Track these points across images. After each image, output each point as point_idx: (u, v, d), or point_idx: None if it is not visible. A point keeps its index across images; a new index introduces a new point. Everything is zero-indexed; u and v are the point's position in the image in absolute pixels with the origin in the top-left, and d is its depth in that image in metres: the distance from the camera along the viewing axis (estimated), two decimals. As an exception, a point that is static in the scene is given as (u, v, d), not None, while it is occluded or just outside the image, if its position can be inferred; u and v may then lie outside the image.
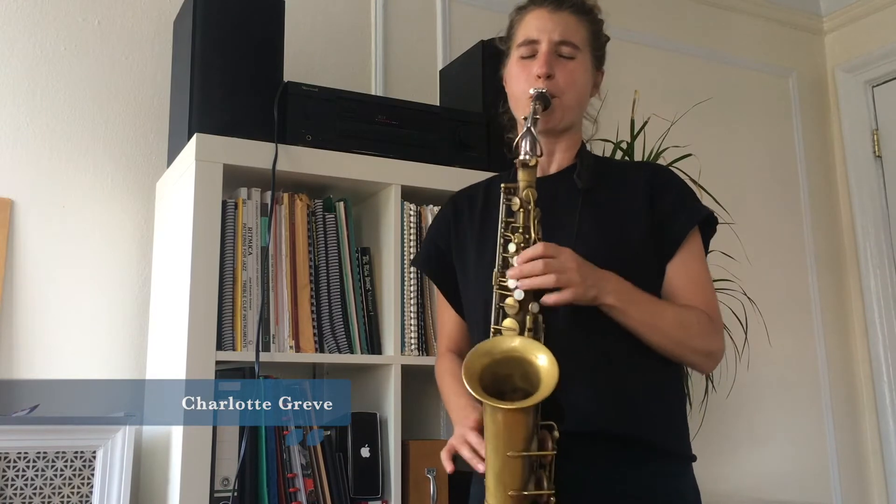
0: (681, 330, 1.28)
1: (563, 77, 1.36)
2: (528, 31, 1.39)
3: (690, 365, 1.36)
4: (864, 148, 3.20)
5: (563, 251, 1.20)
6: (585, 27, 1.42)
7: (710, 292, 1.36)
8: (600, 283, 1.22)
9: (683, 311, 1.31)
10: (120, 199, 2.04)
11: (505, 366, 1.13)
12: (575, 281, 1.18)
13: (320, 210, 1.86)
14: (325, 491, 1.69)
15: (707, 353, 1.32)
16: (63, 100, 2.03)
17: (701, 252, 1.38)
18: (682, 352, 1.30)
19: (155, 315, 1.92)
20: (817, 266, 3.15)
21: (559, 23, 1.38)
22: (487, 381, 1.10)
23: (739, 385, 2.75)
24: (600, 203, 1.37)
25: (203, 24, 1.77)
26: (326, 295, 1.81)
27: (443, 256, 1.52)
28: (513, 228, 1.23)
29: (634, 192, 1.37)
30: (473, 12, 2.61)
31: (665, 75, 2.98)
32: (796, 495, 2.85)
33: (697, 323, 1.30)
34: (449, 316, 1.55)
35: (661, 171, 1.45)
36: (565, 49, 1.37)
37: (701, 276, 1.36)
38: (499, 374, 1.12)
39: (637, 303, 1.27)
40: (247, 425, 1.61)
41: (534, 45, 1.38)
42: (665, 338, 1.28)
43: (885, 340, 3.07)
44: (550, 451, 1.12)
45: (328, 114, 1.85)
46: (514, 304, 1.18)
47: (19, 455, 1.51)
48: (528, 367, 1.12)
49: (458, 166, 1.95)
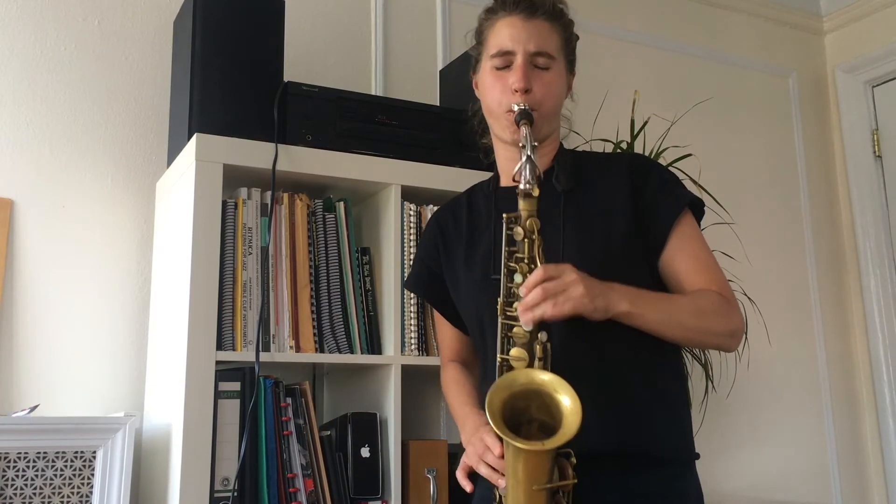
0: (699, 318, 1.27)
1: (540, 89, 1.34)
2: (502, 40, 1.36)
3: (714, 348, 1.34)
4: (864, 148, 3.20)
5: (563, 269, 1.18)
6: (558, 33, 1.39)
7: (715, 270, 1.34)
8: (608, 294, 1.21)
9: (697, 298, 1.29)
10: (120, 199, 2.04)
11: (522, 398, 1.14)
12: (576, 295, 1.16)
13: (320, 210, 1.86)
14: (325, 491, 1.69)
15: (729, 333, 1.30)
16: (63, 100, 2.03)
17: (695, 232, 1.36)
18: (705, 339, 1.29)
19: (155, 315, 1.92)
20: (817, 266, 3.15)
21: (533, 32, 1.35)
22: (507, 414, 1.11)
23: (739, 385, 2.75)
24: (582, 203, 1.35)
25: (203, 24, 1.77)
26: (326, 295, 1.81)
27: (433, 276, 1.53)
28: (517, 259, 1.21)
29: (615, 186, 1.35)
30: (473, 12, 2.58)
31: (665, 75, 2.98)
32: (796, 495, 2.85)
33: (713, 306, 1.28)
34: (448, 330, 1.56)
35: (638, 160, 1.43)
36: (541, 60, 1.35)
37: (702, 255, 1.34)
38: (516, 407, 1.13)
39: (650, 303, 1.25)
40: (247, 425, 1.62)
41: (508, 57, 1.35)
42: (685, 330, 1.27)
43: (885, 340, 3.07)
44: (572, 480, 1.13)
45: (328, 114, 1.85)
46: (523, 334, 1.17)
47: (19, 455, 1.51)
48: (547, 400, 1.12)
49: (457, 166, 1.95)
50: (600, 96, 2.55)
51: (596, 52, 2.76)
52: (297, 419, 1.70)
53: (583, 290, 1.16)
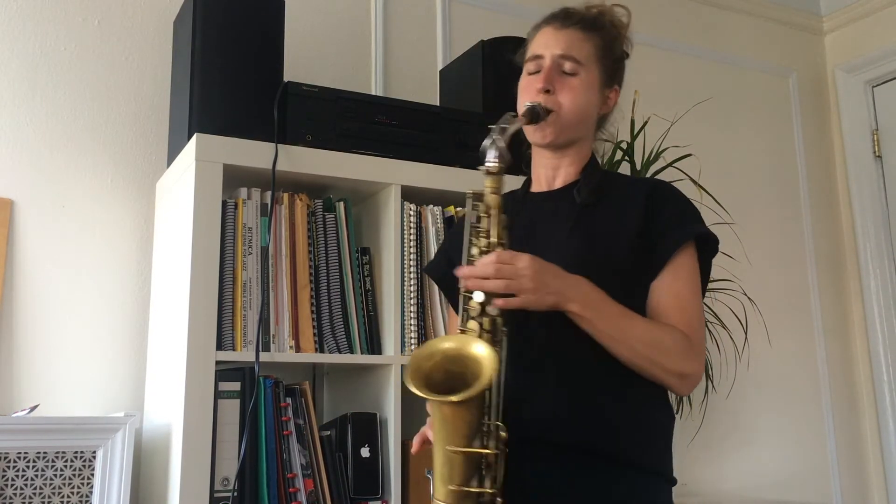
0: (650, 348, 1.24)
1: (563, 93, 1.36)
2: (536, 47, 1.42)
3: (664, 385, 1.30)
4: (864, 148, 3.20)
5: (519, 258, 1.18)
6: (593, 43, 1.41)
7: (693, 313, 1.31)
8: (563, 290, 1.20)
9: (657, 329, 1.27)
10: (120, 199, 2.04)
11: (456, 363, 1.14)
12: (526, 287, 1.17)
13: (320, 210, 1.86)
14: (325, 491, 1.69)
15: (679, 374, 1.26)
16: (63, 100, 2.03)
17: (690, 271, 1.33)
18: (653, 370, 1.25)
19: (155, 315, 1.92)
20: (817, 266, 3.15)
21: (563, 39, 1.39)
22: (440, 379, 1.13)
23: (739, 385, 2.75)
24: (596, 219, 1.35)
25: (203, 24, 1.77)
26: (326, 295, 1.81)
27: (451, 264, 1.52)
28: (477, 232, 1.24)
29: (632, 209, 1.35)
30: (473, 12, 2.61)
31: (665, 75, 2.98)
32: (796, 495, 2.85)
33: (672, 342, 1.26)
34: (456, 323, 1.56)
35: (661, 187, 1.42)
36: (568, 65, 1.38)
37: (685, 295, 1.31)
38: (452, 372, 1.14)
39: (605, 314, 1.23)
40: (247, 425, 1.62)
41: (539, 61, 1.39)
42: (632, 353, 1.24)
43: (885, 340, 3.07)
44: (491, 450, 1.13)
45: (328, 114, 1.85)
46: (475, 306, 1.19)
47: (19, 455, 1.51)
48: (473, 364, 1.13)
49: (458, 166, 1.95)
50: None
51: (596, 52, 2.76)
52: (297, 419, 1.70)
53: (531, 284, 1.17)
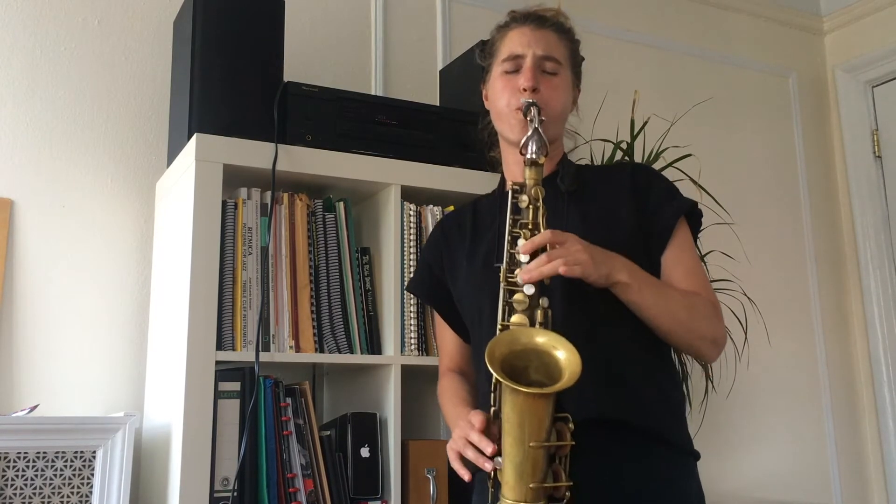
0: (690, 312, 1.30)
1: (547, 91, 1.39)
2: (512, 46, 1.43)
3: (696, 352, 1.36)
4: (864, 148, 3.20)
5: (568, 236, 1.22)
6: (566, 45, 1.46)
7: (706, 281, 1.40)
8: (611, 262, 1.25)
9: (689, 295, 1.33)
10: (120, 199, 2.04)
11: (522, 358, 1.13)
12: (583, 259, 1.20)
13: (320, 210, 1.86)
14: (324, 491, 1.69)
15: (713, 338, 1.33)
16: (63, 100, 2.03)
17: (691, 243, 1.41)
18: (690, 337, 1.31)
19: (155, 315, 1.92)
20: (817, 266, 3.15)
21: (542, 39, 1.42)
22: (507, 371, 1.10)
23: (739, 385, 2.75)
24: (585, 204, 1.39)
25: (203, 24, 1.77)
26: (326, 295, 1.81)
27: (436, 278, 1.56)
28: (521, 225, 1.24)
29: (617, 192, 1.40)
30: (473, 12, 2.62)
31: (665, 75, 2.98)
32: (796, 495, 2.85)
33: (704, 308, 1.32)
34: (448, 336, 1.57)
35: (640, 169, 1.48)
36: (549, 64, 1.41)
37: (693, 265, 1.38)
38: (516, 367, 1.12)
39: (648, 283, 1.29)
40: (247, 425, 1.62)
41: (518, 60, 1.41)
42: (674, 320, 1.29)
43: (885, 340, 3.07)
44: (569, 442, 1.12)
45: (328, 114, 1.85)
46: (523, 299, 1.18)
47: (19, 455, 1.51)
48: (546, 359, 1.12)
49: (458, 166, 1.95)
50: (600, 96, 2.54)
51: (596, 52, 2.76)
52: (296, 419, 1.70)
53: (587, 256, 1.20)
